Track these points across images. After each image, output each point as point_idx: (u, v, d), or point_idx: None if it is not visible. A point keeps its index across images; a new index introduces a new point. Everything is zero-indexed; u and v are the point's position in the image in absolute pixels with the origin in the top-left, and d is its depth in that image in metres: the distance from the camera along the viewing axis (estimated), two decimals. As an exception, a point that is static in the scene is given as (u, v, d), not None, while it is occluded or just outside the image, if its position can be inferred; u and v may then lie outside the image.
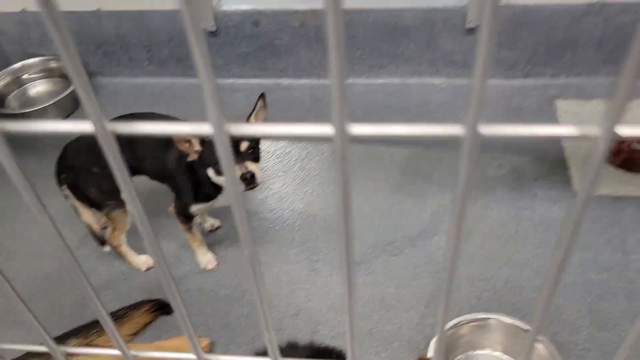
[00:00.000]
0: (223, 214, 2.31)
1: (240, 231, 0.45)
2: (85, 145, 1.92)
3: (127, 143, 1.72)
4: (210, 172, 1.75)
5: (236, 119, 0.37)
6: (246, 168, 1.66)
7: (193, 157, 1.72)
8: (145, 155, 1.86)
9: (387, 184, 2.39)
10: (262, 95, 1.73)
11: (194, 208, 1.93)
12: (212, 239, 2.23)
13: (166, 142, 1.84)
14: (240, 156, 1.67)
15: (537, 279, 1.97)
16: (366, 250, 2.13)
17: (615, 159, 2.38)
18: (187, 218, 1.99)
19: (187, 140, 1.68)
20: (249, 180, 1.65)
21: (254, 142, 1.72)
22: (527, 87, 2.74)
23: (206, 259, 2.12)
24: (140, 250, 2.16)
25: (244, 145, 1.68)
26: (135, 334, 1.91)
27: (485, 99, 0.31)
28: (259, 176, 1.68)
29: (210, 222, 2.26)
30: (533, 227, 2.16)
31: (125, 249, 2.10)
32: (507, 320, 1.71)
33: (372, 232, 2.19)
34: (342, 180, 0.37)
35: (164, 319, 1.97)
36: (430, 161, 2.48)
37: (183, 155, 1.78)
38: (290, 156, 2.57)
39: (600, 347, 1.76)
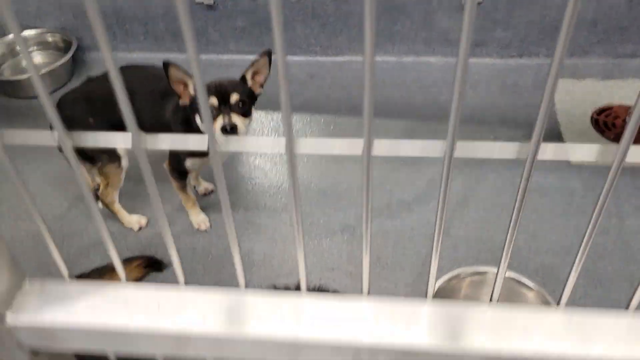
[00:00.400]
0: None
1: (216, 177, 0.48)
2: (81, 97, 1.90)
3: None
4: (198, 119, 1.74)
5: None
6: (230, 119, 1.66)
7: (185, 101, 1.71)
8: (143, 107, 1.84)
9: (383, 153, 2.38)
10: (267, 53, 1.71)
11: (188, 163, 1.91)
12: (205, 203, 2.20)
13: (164, 93, 1.82)
14: (228, 107, 1.67)
15: (533, 242, 1.97)
16: (361, 214, 2.11)
17: (610, 133, 2.41)
18: (180, 175, 1.97)
19: (184, 82, 1.67)
20: (230, 132, 1.65)
21: (246, 96, 1.71)
22: (522, 66, 2.76)
23: (199, 219, 2.09)
24: (132, 211, 2.13)
25: (233, 98, 1.68)
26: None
27: (481, 77, 0.31)
28: (242, 129, 1.68)
29: (205, 186, 2.24)
30: (529, 194, 2.14)
31: (117, 207, 2.07)
32: (508, 274, 1.69)
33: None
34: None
35: (155, 275, 1.94)
36: (427, 133, 2.48)
37: (179, 107, 1.77)
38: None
39: (596, 304, 1.74)
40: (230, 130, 1.64)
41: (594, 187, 2.15)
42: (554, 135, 2.40)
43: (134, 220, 2.10)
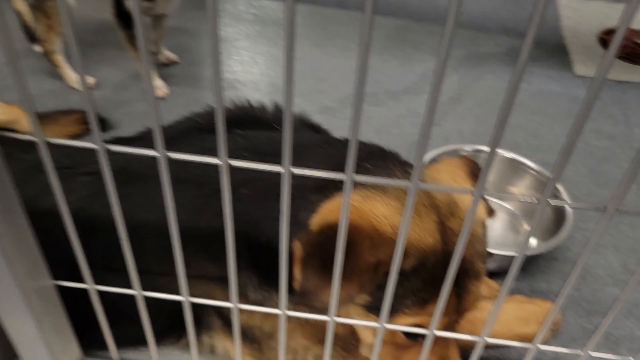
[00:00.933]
0: (183, 51, 2.00)
1: None
2: None
3: None
4: None
5: None
6: None
7: None
8: None
9: (373, 45, 2.13)
10: None
11: (130, 2, 1.60)
12: (166, 73, 1.91)
13: None
14: None
15: (533, 139, 1.75)
16: (342, 97, 1.86)
17: (618, 50, 2.20)
18: (125, 21, 1.67)
19: None
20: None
21: None
22: (528, -19, 2.54)
23: (156, 84, 1.80)
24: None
25: None
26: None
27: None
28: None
29: (166, 55, 1.95)
30: (529, 96, 1.94)
31: (59, 59, 1.76)
32: (507, 154, 1.47)
33: (351, 85, 1.92)
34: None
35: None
36: (421, 33, 2.24)
37: None
38: None
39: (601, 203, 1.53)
40: None
41: (600, 97, 1.94)
42: (559, 49, 2.20)
43: (78, 78, 1.79)
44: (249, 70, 1.99)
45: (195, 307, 0.87)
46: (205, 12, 2.29)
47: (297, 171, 0.54)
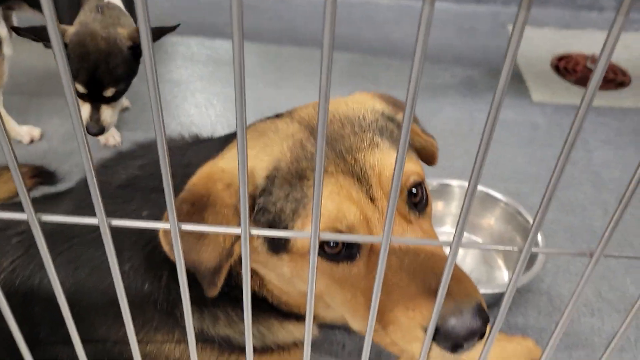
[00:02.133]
0: (135, 96, 1.93)
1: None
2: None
3: None
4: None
5: None
6: (98, 117, 1.49)
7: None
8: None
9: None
10: None
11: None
12: (118, 119, 1.84)
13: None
14: (99, 100, 1.48)
15: (496, 169, 1.73)
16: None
17: (571, 77, 2.24)
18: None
19: None
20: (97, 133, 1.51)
21: (124, 86, 1.51)
22: (478, 12, 2.59)
23: (109, 134, 1.73)
24: (23, 122, 1.74)
25: (109, 92, 1.47)
26: (6, 199, 1.47)
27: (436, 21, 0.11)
28: (107, 124, 1.53)
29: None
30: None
31: (2, 111, 1.67)
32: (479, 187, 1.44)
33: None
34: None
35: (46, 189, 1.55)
36: (377, 66, 2.23)
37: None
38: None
39: (566, 229, 1.52)
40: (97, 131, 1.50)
41: (559, 123, 1.96)
42: (515, 76, 2.22)
43: (24, 132, 1.71)
44: (204, 113, 1.93)
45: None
46: (158, 55, 2.23)
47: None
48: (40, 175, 1.54)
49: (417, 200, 0.71)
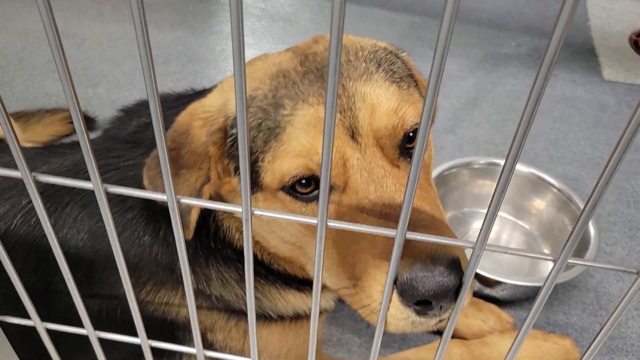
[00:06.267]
0: (184, 47, 1.90)
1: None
2: None
3: None
4: None
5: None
6: None
7: None
8: None
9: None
10: None
11: None
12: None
13: None
14: None
15: (554, 150, 1.61)
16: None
17: (650, 53, 2.05)
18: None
19: None
20: None
21: None
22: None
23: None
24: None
25: None
26: (47, 143, 1.49)
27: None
28: None
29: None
30: (552, 103, 1.80)
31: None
32: (523, 169, 1.34)
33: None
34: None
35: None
36: (437, 31, 2.10)
37: None
38: None
39: (626, 223, 1.40)
40: None
41: (630, 105, 1.80)
42: (586, 51, 2.05)
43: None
44: (252, 69, 1.88)
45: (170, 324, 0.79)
46: (210, 5, 2.18)
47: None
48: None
49: (412, 146, 0.63)
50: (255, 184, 0.64)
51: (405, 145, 0.63)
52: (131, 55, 1.86)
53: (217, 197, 0.71)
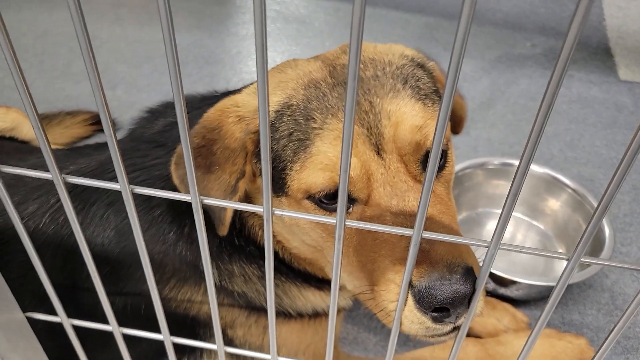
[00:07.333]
0: (202, 49, 1.92)
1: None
2: None
3: None
4: None
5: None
6: None
7: None
8: None
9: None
10: None
11: None
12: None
13: None
14: None
15: (569, 151, 1.61)
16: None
17: (667, 53, 2.03)
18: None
19: None
20: None
21: None
22: (570, -23, 2.38)
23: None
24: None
25: None
26: (68, 144, 1.52)
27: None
28: None
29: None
30: (568, 103, 1.80)
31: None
32: (538, 169, 1.34)
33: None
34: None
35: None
36: (451, 32, 2.11)
37: None
38: None
39: (645, 226, 1.40)
40: None
41: (645, 103, 1.79)
42: (602, 51, 2.04)
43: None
44: (268, 70, 1.90)
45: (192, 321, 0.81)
46: (227, 7, 2.21)
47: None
48: (100, 122, 1.57)
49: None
50: (282, 190, 0.66)
51: (427, 161, 0.65)
52: (149, 57, 1.89)
53: (246, 194, 0.73)
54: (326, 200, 0.64)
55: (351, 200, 0.64)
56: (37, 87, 1.76)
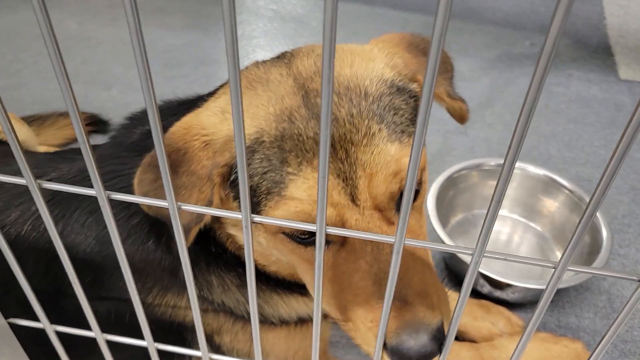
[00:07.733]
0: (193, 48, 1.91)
1: None
2: None
3: None
4: None
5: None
6: None
7: None
8: None
9: (396, 44, 2.00)
10: None
11: None
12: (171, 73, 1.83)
13: None
14: None
15: (568, 151, 1.59)
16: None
17: (667, 52, 2.01)
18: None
19: None
20: None
21: None
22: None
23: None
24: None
25: None
26: (61, 145, 1.51)
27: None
28: None
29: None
30: (566, 103, 1.78)
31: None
32: (535, 170, 1.33)
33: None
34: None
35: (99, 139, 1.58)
36: (450, 31, 2.09)
37: None
38: None
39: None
40: None
41: (646, 104, 1.77)
42: (602, 49, 2.02)
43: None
44: (264, 70, 1.89)
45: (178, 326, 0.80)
46: (215, 7, 2.20)
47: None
48: (95, 123, 1.56)
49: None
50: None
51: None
52: (145, 58, 1.88)
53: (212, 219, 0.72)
54: (302, 236, 0.63)
55: (327, 242, 0.62)
56: (31, 88, 1.75)
